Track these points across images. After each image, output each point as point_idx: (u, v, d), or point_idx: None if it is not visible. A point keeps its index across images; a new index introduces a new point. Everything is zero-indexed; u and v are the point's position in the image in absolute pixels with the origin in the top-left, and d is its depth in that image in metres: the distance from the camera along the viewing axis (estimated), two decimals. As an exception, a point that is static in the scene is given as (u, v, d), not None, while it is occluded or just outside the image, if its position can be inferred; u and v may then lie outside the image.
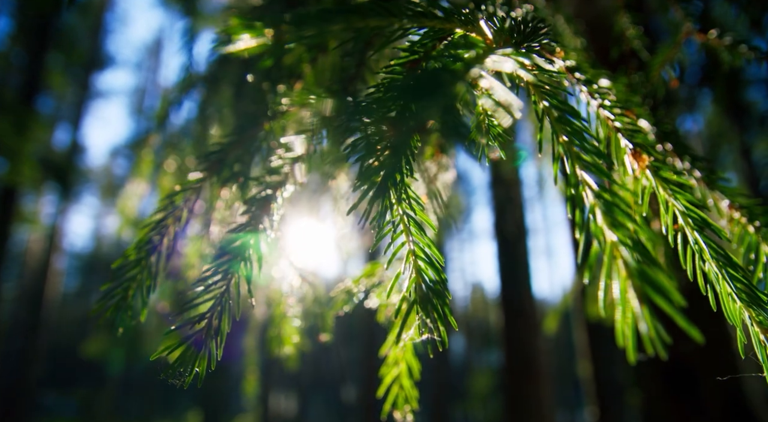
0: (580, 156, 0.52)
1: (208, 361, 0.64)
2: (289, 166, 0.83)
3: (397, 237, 0.61)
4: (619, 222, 0.46)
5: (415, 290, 0.59)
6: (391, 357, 1.02)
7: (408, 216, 0.61)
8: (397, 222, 0.61)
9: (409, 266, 0.61)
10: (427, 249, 0.60)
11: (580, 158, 0.52)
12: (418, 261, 0.60)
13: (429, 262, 0.60)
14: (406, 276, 0.61)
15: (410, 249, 0.61)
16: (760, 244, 0.83)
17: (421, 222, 0.61)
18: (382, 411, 1.03)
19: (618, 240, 0.45)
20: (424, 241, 0.61)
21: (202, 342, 0.65)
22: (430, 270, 0.60)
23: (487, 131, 0.62)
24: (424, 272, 0.60)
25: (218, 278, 0.69)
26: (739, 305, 0.65)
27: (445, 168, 1.06)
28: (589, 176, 0.51)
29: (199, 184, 0.87)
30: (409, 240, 0.61)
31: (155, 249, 0.81)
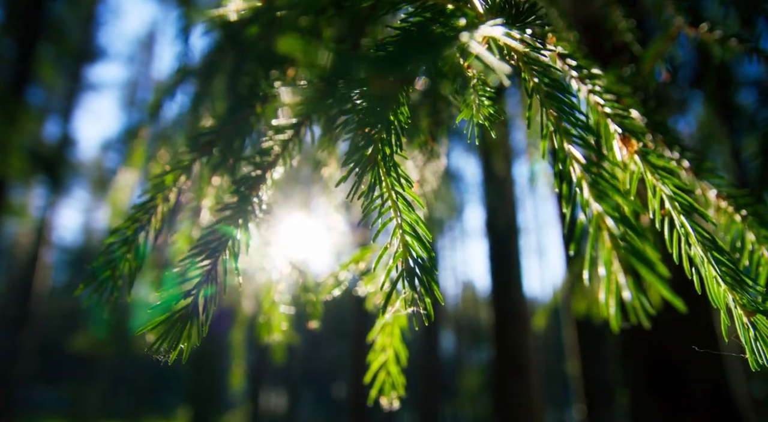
0: (568, 131, 0.53)
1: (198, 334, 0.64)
2: (279, 148, 0.82)
3: (385, 212, 0.61)
4: (605, 193, 0.46)
5: (401, 264, 0.60)
6: (378, 344, 1.02)
7: (396, 192, 0.61)
8: (386, 198, 0.61)
9: (396, 241, 0.61)
10: (414, 225, 0.61)
11: (569, 133, 0.52)
12: (406, 237, 0.61)
13: (416, 237, 0.60)
14: (392, 251, 0.61)
15: (398, 223, 0.61)
16: (745, 232, 0.84)
17: (409, 199, 0.61)
18: (369, 397, 1.03)
19: (603, 211, 0.45)
20: (412, 217, 0.61)
21: (188, 319, 0.65)
22: (418, 245, 0.60)
23: (478, 108, 0.62)
24: (411, 247, 0.60)
25: (205, 256, 0.69)
26: (723, 288, 0.66)
27: (436, 156, 1.07)
28: (576, 150, 0.51)
29: (189, 165, 0.87)
30: (397, 215, 0.61)
31: (143, 228, 0.81)
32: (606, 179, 0.48)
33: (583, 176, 0.49)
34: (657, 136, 0.92)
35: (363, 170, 0.58)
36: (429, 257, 0.59)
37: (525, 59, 0.60)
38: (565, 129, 0.53)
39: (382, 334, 1.01)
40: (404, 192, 0.61)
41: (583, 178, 0.49)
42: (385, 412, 18.43)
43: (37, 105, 16.90)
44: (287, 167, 0.83)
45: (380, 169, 0.59)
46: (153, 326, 0.63)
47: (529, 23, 0.62)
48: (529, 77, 0.60)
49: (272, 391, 28.24)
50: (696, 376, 2.93)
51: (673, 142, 0.92)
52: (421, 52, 0.40)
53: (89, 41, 18.61)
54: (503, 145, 5.56)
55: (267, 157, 0.81)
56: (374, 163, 0.58)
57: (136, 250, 0.81)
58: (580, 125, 0.53)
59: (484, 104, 0.62)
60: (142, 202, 0.83)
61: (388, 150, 0.58)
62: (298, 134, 0.85)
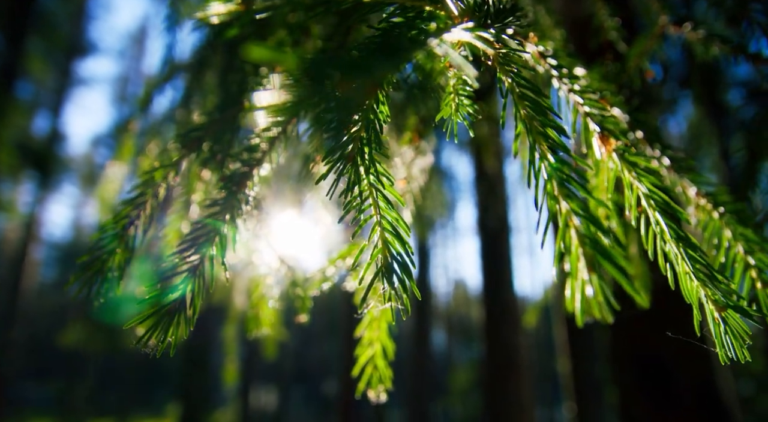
0: (540, 131, 0.54)
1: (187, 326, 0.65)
2: (267, 145, 0.84)
3: (366, 209, 0.63)
4: (573, 193, 0.48)
5: (381, 261, 0.61)
6: (366, 338, 1.04)
7: (377, 190, 0.62)
8: (365, 196, 0.63)
9: (375, 238, 0.62)
10: (394, 223, 0.62)
11: (541, 133, 0.54)
12: (385, 234, 0.62)
13: (396, 235, 0.62)
14: (371, 248, 0.63)
15: (377, 221, 0.62)
16: (722, 229, 0.86)
17: (390, 198, 0.63)
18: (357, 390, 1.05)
19: (570, 209, 0.47)
20: (392, 216, 0.62)
21: (175, 313, 0.66)
22: (397, 243, 0.62)
23: (456, 107, 0.64)
24: (390, 244, 0.62)
25: (193, 250, 0.70)
26: (696, 284, 0.68)
27: (423, 153, 1.08)
28: (548, 150, 0.53)
29: (178, 161, 0.88)
30: (377, 213, 0.63)
31: (132, 223, 0.82)
32: (574, 179, 0.49)
33: (552, 175, 0.50)
34: (638, 133, 0.94)
35: (342, 168, 0.59)
36: (407, 254, 0.61)
37: (500, 60, 0.62)
38: (537, 129, 0.55)
39: (369, 329, 1.02)
40: (385, 190, 0.62)
41: (553, 177, 0.50)
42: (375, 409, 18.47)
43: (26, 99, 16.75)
44: (275, 164, 0.84)
45: (360, 166, 0.60)
46: (141, 320, 0.65)
47: (509, 23, 0.64)
48: (504, 78, 0.62)
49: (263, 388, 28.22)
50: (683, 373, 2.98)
51: (654, 139, 0.94)
52: (388, 59, 0.42)
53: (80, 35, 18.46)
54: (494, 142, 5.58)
55: (254, 154, 0.82)
56: (353, 161, 0.60)
57: (125, 245, 0.82)
58: (551, 125, 0.55)
59: (463, 103, 0.64)
60: (131, 198, 0.84)
61: (367, 148, 0.59)
62: (285, 132, 0.86)
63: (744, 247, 0.83)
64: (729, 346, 0.67)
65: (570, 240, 0.46)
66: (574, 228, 0.46)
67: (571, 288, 0.45)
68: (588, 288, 0.43)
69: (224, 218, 0.75)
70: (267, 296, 1.13)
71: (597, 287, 0.43)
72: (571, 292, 0.45)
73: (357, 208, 0.62)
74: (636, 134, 0.95)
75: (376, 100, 0.60)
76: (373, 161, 0.61)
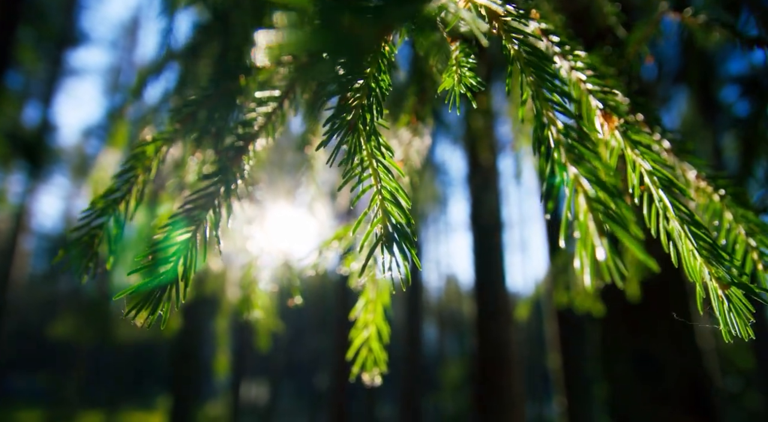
0: (546, 97, 0.53)
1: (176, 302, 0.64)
2: (263, 119, 0.82)
3: (365, 179, 0.61)
4: (582, 157, 0.47)
5: (380, 230, 0.60)
6: (361, 321, 1.02)
7: (377, 160, 0.61)
8: (366, 165, 0.61)
9: (375, 207, 0.61)
10: (394, 193, 0.61)
11: (547, 99, 0.53)
12: (385, 203, 0.61)
13: (396, 204, 0.60)
14: (371, 217, 0.61)
15: (377, 190, 0.61)
16: (723, 211, 0.85)
17: (389, 167, 0.61)
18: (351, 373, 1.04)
19: (580, 173, 0.46)
20: (392, 185, 0.61)
21: (167, 286, 0.64)
22: (397, 211, 0.60)
23: (459, 78, 0.62)
24: (390, 213, 0.60)
25: (186, 223, 0.69)
26: (699, 262, 0.67)
27: (420, 135, 1.07)
28: (554, 115, 0.51)
29: (171, 136, 0.86)
30: (377, 182, 0.61)
31: (123, 198, 0.80)
32: (583, 143, 0.48)
33: (560, 140, 0.49)
34: (639, 116, 0.93)
35: (343, 136, 0.58)
36: (408, 223, 0.59)
37: (506, 27, 0.60)
38: (543, 95, 0.53)
39: (364, 311, 1.01)
40: (385, 160, 0.61)
41: (560, 143, 0.49)
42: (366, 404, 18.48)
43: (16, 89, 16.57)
44: (270, 140, 0.82)
45: (360, 135, 0.59)
46: (131, 291, 0.63)
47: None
48: (510, 45, 0.60)
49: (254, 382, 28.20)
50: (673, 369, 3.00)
51: (654, 122, 0.93)
52: (402, 5, 0.40)
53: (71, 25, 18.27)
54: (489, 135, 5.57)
55: (250, 129, 0.81)
56: (354, 129, 0.58)
57: (116, 219, 0.80)
58: (558, 91, 0.54)
59: (466, 75, 0.62)
60: (122, 171, 0.82)
61: (369, 116, 0.58)
62: (281, 106, 0.84)
63: (745, 229, 0.82)
64: (733, 324, 0.66)
65: (579, 206, 0.44)
66: (583, 194, 0.44)
67: (580, 256, 0.43)
68: (599, 252, 0.42)
69: (218, 192, 0.73)
70: (258, 278, 1.12)
71: (608, 253, 0.42)
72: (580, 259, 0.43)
73: (357, 176, 0.61)
74: (636, 117, 0.94)
75: (378, 68, 0.58)
76: (374, 129, 0.60)
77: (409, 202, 0.61)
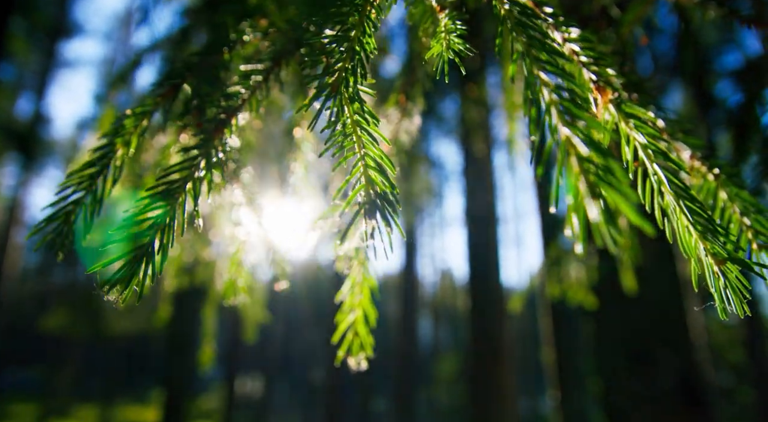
0: (537, 56, 0.51)
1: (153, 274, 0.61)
2: (247, 92, 0.79)
3: (349, 146, 0.59)
4: (575, 117, 0.44)
5: (363, 196, 0.57)
6: (347, 304, 1.00)
7: (360, 126, 0.58)
8: (349, 131, 0.59)
9: (358, 174, 0.59)
10: (378, 160, 0.58)
11: (538, 58, 0.51)
12: (369, 171, 0.58)
13: (380, 171, 0.58)
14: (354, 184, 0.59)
15: (360, 157, 0.58)
16: (718, 190, 0.84)
17: (374, 135, 0.59)
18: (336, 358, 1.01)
19: (572, 134, 0.43)
20: (376, 152, 0.58)
21: (141, 258, 0.62)
22: (381, 178, 0.58)
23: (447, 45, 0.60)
24: (374, 181, 0.58)
25: (163, 196, 0.66)
26: (694, 237, 0.65)
27: (410, 115, 1.04)
28: (546, 76, 0.49)
29: (152, 109, 0.83)
30: (360, 149, 0.59)
31: (100, 173, 0.77)
32: (575, 103, 0.46)
33: (552, 101, 0.47)
34: (633, 94, 0.91)
35: (324, 99, 0.55)
36: (392, 191, 0.57)
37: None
38: (534, 55, 0.51)
39: (351, 294, 0.98)
40: (369, 127, 0.58)
41: (552, 103, 0.47)
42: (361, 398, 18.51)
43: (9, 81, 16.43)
44: (254, 114, 0.80)
45: (342, 98, 0.56)
46: (105, 264, 0.60)
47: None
48: (500, 5, 0.58)
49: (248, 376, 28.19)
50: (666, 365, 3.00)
51: (648, 101, 0.91)
52: None
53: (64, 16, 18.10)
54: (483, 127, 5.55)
55: (233, 102, 0.78)
56: (336, 92, 0.56)
57: (93, 195, 0.77)
58: (548, 50, 0.52)
59: (454, 41, 0.60)
60: (99, 146, 0.79)
61: (351, 79, 0.55)
62: (266, 80, 0.82)
63: (740, 208, 0.80)
64: (729, 300, 0.64)
65: (571, 168, 0.42)
66: (575, 155, 0.42)
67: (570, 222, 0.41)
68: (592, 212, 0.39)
69: (199, 164, 0.70)
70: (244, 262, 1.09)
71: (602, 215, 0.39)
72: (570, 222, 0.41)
73: (339, 144, 0.58)
74: (631, 95, 0.92)
75: (363, 31, 0.56)
76: (357, 94, 0.57)
77: (395, 169, 0.58)
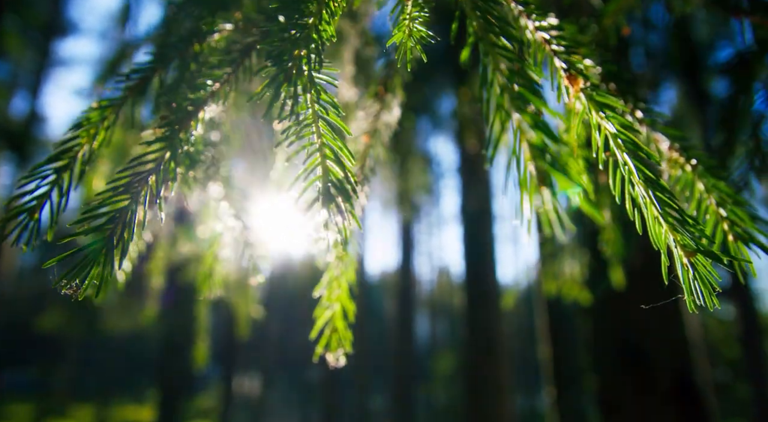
0: (493, 41, 0.49)
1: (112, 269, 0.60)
2: (215, 84, 0.78)
3: (306, 136, 0.58)
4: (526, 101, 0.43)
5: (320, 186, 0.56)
6: (325, 299, 0.99)
7: (319, 116, 0.57)
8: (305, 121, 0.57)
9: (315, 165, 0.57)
10: (337, 151, 0.57)
11: (494, 43, 0.49)
12: (327, 162, 0.57)
13: (337, 161, 0.57)
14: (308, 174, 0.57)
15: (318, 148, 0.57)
16: (695, 182, 0.82)
17: (334, 125, 0.57)
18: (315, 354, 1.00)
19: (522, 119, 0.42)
20: (336, 144, 0.57)
21: (99, 254, 0.60)
22: (338, 169, 0.57)
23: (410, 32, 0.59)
24: (331, 172, 0.56)
25: (124, 190, 0.65)
26: (664, 228, 0.64)
27: (389, 107, 1.03)
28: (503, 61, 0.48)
29: (120, 102, 0.82)
30: (318, 139, 0.57)
31: (66, 167, 0.76)
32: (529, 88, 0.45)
33: (505, 85, 0.46)
34: (610, 84, 0.90)
35: (277, 87, 0.54)
36: (349, 181, 0.56)
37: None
38: (490, 39, 0.50)
39: (328, 288, 0.97)
40: (328, 116, 0.57)
41: (505, 88, 0.46)
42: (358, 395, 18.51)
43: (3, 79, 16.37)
44: (223, 105, 0.78)
45: (298, 86, 0.55)
46: (59, 260, 0.59)
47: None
48: (461, -8, 0.57)
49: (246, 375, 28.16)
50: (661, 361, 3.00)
51: (626, 91, 0.90)
52: None
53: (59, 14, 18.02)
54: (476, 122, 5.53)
55: (200, 93, 0.77)
56: (289, 79, 0.54)
57: (59, 189, 0.76)
58: (504, 34, 0.50)
59: (416, 28, 0.59)
60: (64, 139, 0.77)
61: (307, 67, 0.54)
62: (235, 71, 0.81)
63: (716, 199, 0.79)
64: (698, 293, 0.63)
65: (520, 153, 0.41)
66: (526, 141, 0.41)
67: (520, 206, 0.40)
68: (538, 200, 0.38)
69: (163, 157, 0.69)
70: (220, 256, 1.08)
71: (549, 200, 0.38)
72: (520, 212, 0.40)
73: (296, 134, 0.57)
74: (608, 85, 0.91)
75: (320, 18, 0.55)
76: (313, 81, 0.56)
77: (353, 160, 0.57)
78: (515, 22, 0.73)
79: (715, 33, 5.70)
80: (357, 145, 1.00)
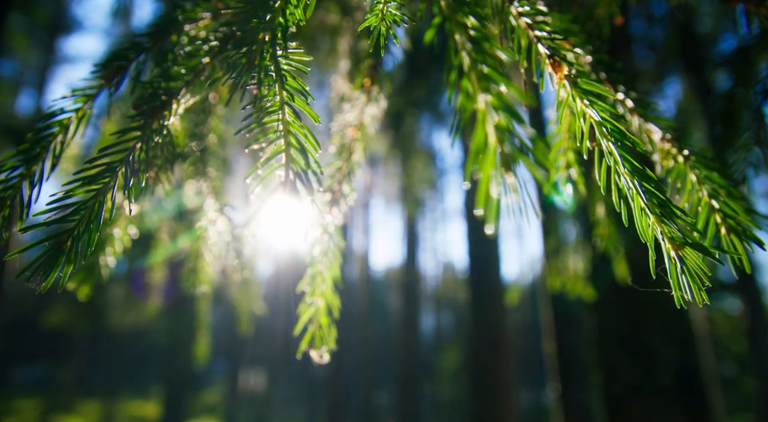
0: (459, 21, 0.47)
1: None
2: (190, 74, 0.76)
3: (270, 122, 0.55)
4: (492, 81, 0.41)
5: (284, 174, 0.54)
6: (309, 294, 0.97)
7: (285, 102, 0.55)
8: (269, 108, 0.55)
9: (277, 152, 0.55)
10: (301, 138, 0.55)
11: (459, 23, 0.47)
12: (291, 150, 0.55)
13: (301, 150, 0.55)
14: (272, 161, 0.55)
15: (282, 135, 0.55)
16: (687, 173, 0.80)
17: (300, 112, 0.55)
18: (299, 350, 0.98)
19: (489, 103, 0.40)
20: (301, 131, 0.55)
21: (63, 246, 0.58)
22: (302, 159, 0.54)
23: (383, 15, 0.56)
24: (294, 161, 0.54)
25: (91, 181, 0.63)
26: (651, 220, 0.61)
27: (375, 99, 1.00)
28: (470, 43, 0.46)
29: (94, 93, 0.80)
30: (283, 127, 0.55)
31: (38, 157, 0.74)
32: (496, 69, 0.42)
33: (471, 67, 0.43)
34: (601, 74, 0.87)
35: (240, 73, 0.52)
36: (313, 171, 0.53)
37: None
38: (456, 19, 0.47)
39: (312, 283, 0.95)
40: (294, 102, 0.55)
41: (471, 69, 0.43)
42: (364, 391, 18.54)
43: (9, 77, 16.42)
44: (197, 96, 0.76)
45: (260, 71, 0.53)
46: (22, 251, 0.57)
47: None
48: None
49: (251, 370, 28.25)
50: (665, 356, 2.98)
51: (617, 80, 0.87)
52: None
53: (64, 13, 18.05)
54: (476, 117, 5.49)
55: (175, 83, 0.74)
56: (251, 65, 0.52)
57: (30, 180, 0.74)
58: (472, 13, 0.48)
59: (390, 12, 0.56)
60: (37, 129, 0.76)
61: (270, 51, 0.52)
62: (212, 61, 0.78)
63: (709, 191, 0.76)
64: (686, 288, 0.60)
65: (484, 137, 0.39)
66: (491, 124, 0.38)
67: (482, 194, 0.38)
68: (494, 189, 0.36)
69: (135, 147, 0.67)
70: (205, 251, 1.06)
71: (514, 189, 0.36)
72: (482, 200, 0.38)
73: (257, 121, 0.55)
74: (598, 75, 0.88)
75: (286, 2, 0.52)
76: (279, 66, 0.54)
77: (318, 148, 0.55)
78: (498, 7, 0.71)
79: (718, 26, 5.63)
80: (343, 138, 0.98)
